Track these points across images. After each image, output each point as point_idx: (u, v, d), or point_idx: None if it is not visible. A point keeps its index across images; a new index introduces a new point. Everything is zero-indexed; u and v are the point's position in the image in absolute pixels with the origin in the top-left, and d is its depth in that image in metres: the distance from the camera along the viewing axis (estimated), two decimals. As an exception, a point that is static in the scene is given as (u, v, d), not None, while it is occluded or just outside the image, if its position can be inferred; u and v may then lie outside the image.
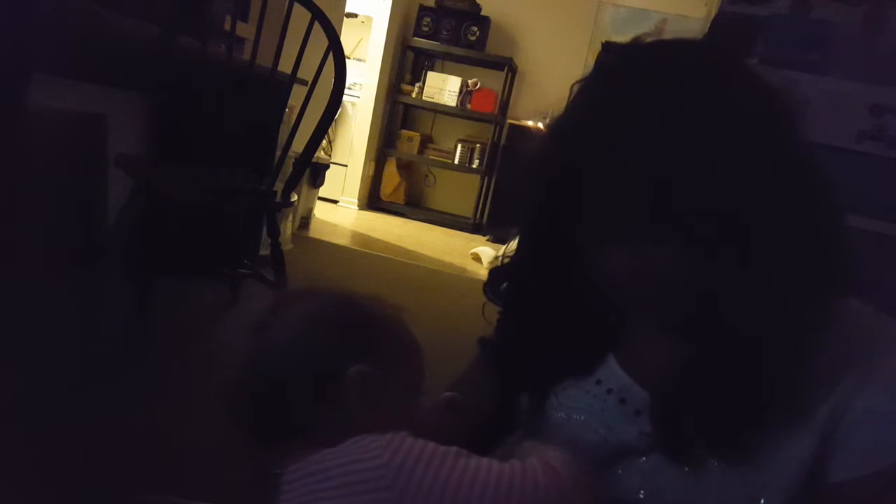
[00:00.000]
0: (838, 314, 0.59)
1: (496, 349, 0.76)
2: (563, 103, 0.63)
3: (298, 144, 2.01)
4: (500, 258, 0.75)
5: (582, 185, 0.58)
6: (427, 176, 5.81)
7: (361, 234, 4.53)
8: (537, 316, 0.71)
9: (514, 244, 0.73)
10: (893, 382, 0.56)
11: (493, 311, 0.76)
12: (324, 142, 4.02)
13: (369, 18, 5.25)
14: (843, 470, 0.56)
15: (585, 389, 0.69)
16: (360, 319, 0.59)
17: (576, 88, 0.63)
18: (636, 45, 0.62)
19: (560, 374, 0.71)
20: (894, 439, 0.55)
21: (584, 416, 0.68)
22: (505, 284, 0.74)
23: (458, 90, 5.25)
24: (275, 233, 2.01)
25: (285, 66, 1.97)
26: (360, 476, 0.51)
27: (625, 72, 0.60)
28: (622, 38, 0.64)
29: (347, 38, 5.02)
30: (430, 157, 5.52)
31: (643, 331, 0.67)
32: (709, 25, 2.03)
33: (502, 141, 5.34)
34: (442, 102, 5.29)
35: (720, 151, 0.53)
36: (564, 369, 0.71)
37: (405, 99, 5.47)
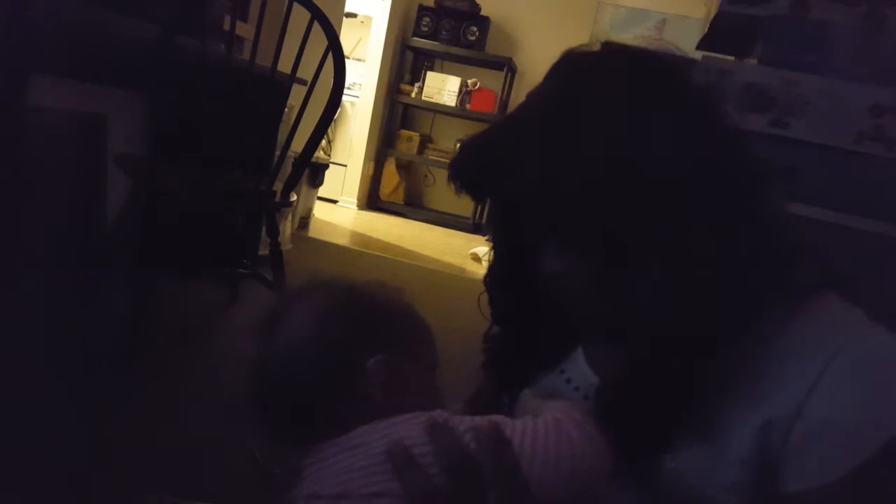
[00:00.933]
0: (792, 309, 0.58)
1: (495, 342, 0.77)
2: None
3: (298, 144, 2.01)
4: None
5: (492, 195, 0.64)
6: (426, 176, 5.81)
7: (361, 234, 4.53)
8: (510, 310, 0.73)
9: None
10: (849, 388, 0.54)
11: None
12: (323, 142, 4.01)
13: (369, 18, 5.25)
14: (801, 479, 0.54)
15: (556, 388, 0.70)
16: (369, 309, 0.61)
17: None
18: (567, 56, 0.64)
19: (530, 368, 0.72)
20: (852, 447, 0.53)
21: None
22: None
23: (457, 90, 5.25)
24: (274, 232, 2.01)
25: (285, 65, 1.97)
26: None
27: (547, 83, 0.63)
28: (621, 38, 0.65)
29: (347, 38, 5.02)
30: (430, 157, 5.51)
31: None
32: (708, 26, 2.03)
33: (502, 141, 5.34)
34: (441, 102, 5.29)
35: (618, 163, 0.56)
36: (533, 364, 0.71)
37: (404, 99, 5.47)
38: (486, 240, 0.75)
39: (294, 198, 2.10)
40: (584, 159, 0.56)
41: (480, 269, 3.84)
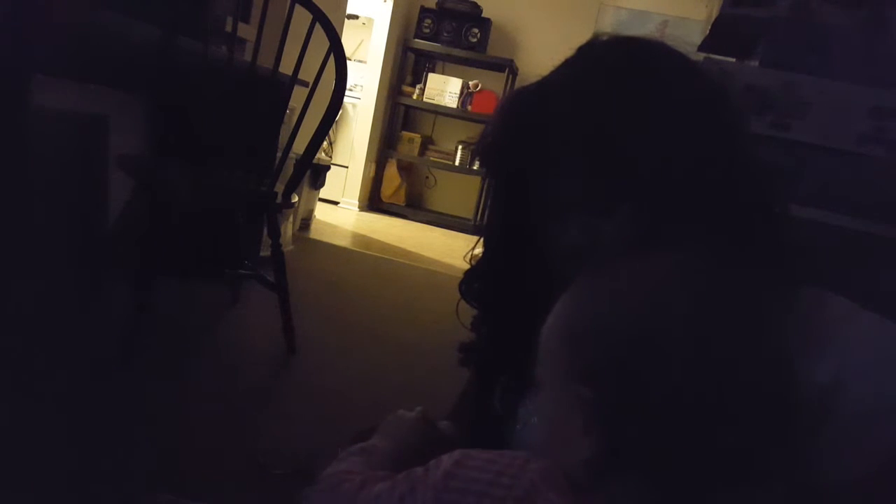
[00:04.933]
0: (796, 305, 0.59)
1: (474, 351, 0.77)
2: None
3: (299, 146, 2.01)
4: (470, 257, 0.76)
5: (529, 171, 0.63)
6: (428, 177, 5.81)
7: (362, 236, 4.53)
8: (500, 312, 0.72)
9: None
10: (873, 383, 0.55)
11: (467, 311, 0.76)
12: (324, 143, 4.02)
13: (370, 20, 5.25)
14: (837, 473, 0.55)
15: None
16: None
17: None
18: (588, 44, 0.66)
19: (524, 372, 0.71)
20: (885, 438, 0.54)
21: None
22: (476, 284, 0.75)
23: (458, 92, 5.25)
24: (275, 234, 2.01)
25: (286, 67, 1.97)
26: None
27: (568, 69, 0.65)
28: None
29: (348, 40, 5.03)
30: (431, 158, 5.52)
31: None
32: (709, 27, 2.03)
33: (503, 142, 5.34)
34: (443, 104, 5.30)
35: (639, 143, 0.58)
36: (527, 367, 0.71)
37: (406, 100, 5.47)
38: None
39: (295, 199, 2.10)
40: (622, 135, 0.58)
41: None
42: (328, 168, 4.10)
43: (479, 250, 0.76)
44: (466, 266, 0.77)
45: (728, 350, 0.45)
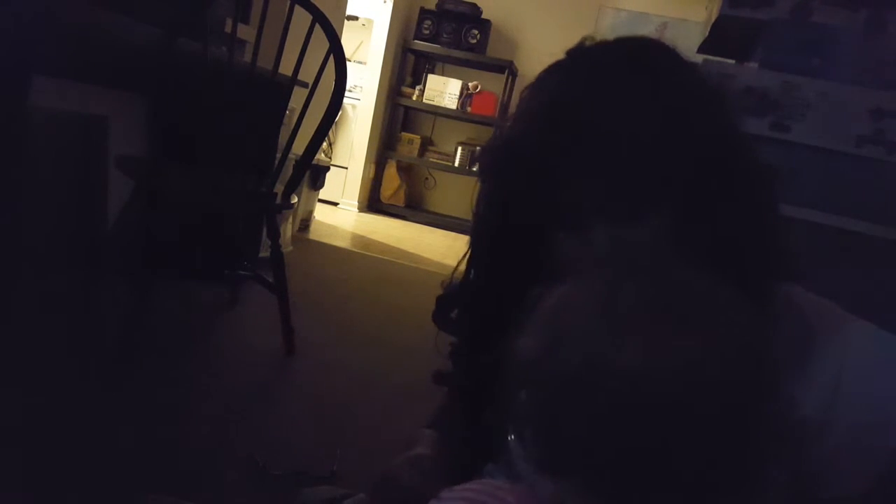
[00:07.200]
0: (785, 308, 0.58)
1: (453, 380, 0.75)
2: None
3: (299, 147, 2.01)
4: (446, 284, 0.74)
5: (539, 187, 0.61)
6: (427, 178, 5.81)
7: (361, 237, 4.53)
8: (491, 339, 0.66)
9: (461, 268, 0.72)
10: (869, 392, 0.55)
11: (445, 340, 0.74)
12: (324, 144, 4.02)
13: (370, 21, 5.25)
14: (837, 485, 0.55)
15: None
16: None
17: (525, 94, 0.66)
18: (575, 50, 0.65)
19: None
20: (882, 449, 0.54)
21: None
22: (455, 312, 0.73)
23: (458, 93, 5.25)
24: (275, 235, 2.01)
25: (286, 68, 1.97)
26: None
27: (561, 76, 0.64)
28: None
29: (348, 41, 5.03)
30: (431, 159, 5.52)
31: None
32: (709, 29, 2.03)
33: (503, 144, 5.34)
34: (442, 105, 5.30)
35: (638, 149, 0.56)
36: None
37: (405, 101, 5.47)
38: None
39: (295, 200, 2.10)
40: (638, 143, 0.57)
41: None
42: (328, 169, 4.10)
43: (459, 272, 0.73)
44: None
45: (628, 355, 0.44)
